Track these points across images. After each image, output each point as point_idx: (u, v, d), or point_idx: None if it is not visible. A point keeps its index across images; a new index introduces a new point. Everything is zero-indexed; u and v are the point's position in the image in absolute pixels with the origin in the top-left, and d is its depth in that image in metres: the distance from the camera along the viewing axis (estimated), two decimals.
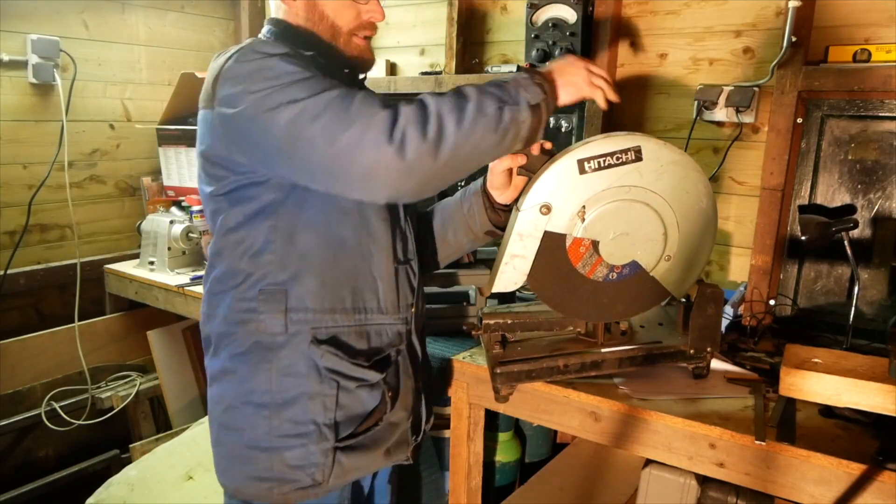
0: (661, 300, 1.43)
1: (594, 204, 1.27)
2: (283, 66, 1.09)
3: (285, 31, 1.25)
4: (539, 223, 1.27)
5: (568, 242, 1.31)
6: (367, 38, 1.30)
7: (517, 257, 1.30)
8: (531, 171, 1.28)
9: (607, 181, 1.25)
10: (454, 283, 1.79)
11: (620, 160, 1.24)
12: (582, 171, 1.24)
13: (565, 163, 1.24)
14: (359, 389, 1.24)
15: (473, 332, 1.47)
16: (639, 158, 1.25)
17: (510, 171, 1.31)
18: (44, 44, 2.27)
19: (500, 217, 1.38)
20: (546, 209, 1.26)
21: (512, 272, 1.31)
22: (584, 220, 1.28)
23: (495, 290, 1.34)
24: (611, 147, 1.24)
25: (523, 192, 1.28)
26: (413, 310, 1.36)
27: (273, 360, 1.21)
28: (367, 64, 1.33)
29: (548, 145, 1.28)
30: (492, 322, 1.44)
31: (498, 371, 1.42)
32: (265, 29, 1.28)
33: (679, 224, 1.32)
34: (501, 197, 1.36)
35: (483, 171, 1.34)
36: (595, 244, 1.31)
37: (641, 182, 1.27)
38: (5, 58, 2.21)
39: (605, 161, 1.23)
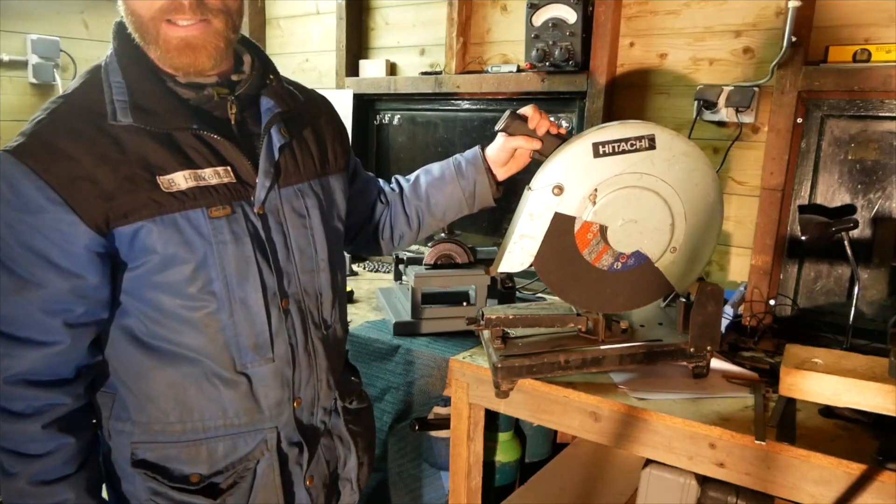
0: (663, 294, 1.44)
1: (606, 188, 1.30)
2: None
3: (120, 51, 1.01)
4: (550, 204, 1.30)
5: (577, 227, 1.33)
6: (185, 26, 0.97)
7: (526, 237, 1.32)
8: (544, 156, 1.31)
9: (620, 166, 1.29)
10: (454, 283, 1.79)
11: (634, 147, 1.27)
12: (596, 154, 1.27)
13: (580, 145, 1.27)
14: None
15: (475, 328, 1.48)
16: (652, 147, 1.28)
17: (515, 149, 1.33)
18: (44, 44, 2.27)
19: (498, 191, 1.38)
20: (558, 190, 1.29)
21: (520, 252, 1.33)
22: (594, 203, 1.30)
23: (502, 269, 1.35)
24: (626, 133, 1.27)
25: (537, 172, 1.31)
26: (296, 403, 1.11)
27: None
28: (187, 69, 1.00)
29: (562, 131, 1.31)
30: (493, 317, 1.45)
31: (499, 365, 1.42)
32: (114, 71, 1.00)
33: (686, 215, 1.34)
34: (500, 171, 1.37)
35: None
36: (603, 230, 1.33)
37: (653, 170, 1.30)
38: (5, 58, 2.21)
39: (619, 146, 1.27)
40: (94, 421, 1.07)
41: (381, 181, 1.45)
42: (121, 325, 1.03)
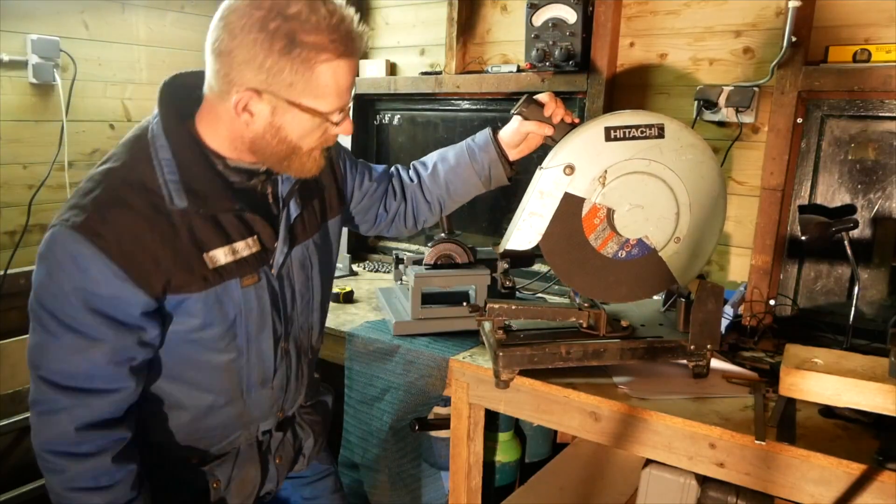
0: (665, 286, 1.45)
1: (615, 172, 1.35)
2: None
3: (187, 162, 1.05)
4: (561, 183, 1.35)
5: (585, 210, 1.37)
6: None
7: (535, 215, 1.36)
8: (555, 142, 1.36)
9: (630, 151, 1.34)
10: (454, 283, 1.79)
11: (644, 134, 1.33)
12: (608, 137, 1.33)
13: (594, 128, 1.33)
14: None
15: (477, 318, 1.48)
16: (661, 135, 1.33)
17: (528, 133, 1.38)
18: (44, 44, 2.27)
19: (511, 171, 1.44)
20: (570, 170, 1.34)
21: (528, 230, 1.38)
22: (604, 185, 1.35)
23: (510, 246, 1.39)
24: (637, 120, 1.33)
25: (550, 152, 1.36)
26: (280, 414, 1.29)
27: None
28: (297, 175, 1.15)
29: (576, 120, 1.37)
30: (496, 307, 1.45)
31: (500, 353, 1.42)
32: (162, 147, 1.05)
33: (692, 206, 1.38)
34: (512, 152, 1.42)
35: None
36: (610, 215, 1.37)
37: (661, 158, 1.35)
38: (5, 58, 2.21)
39: (630, 132, 1.33)
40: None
41: (398, 169, 1.52)
42: (152, 361, 1.12)
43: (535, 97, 1.36)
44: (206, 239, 1.07)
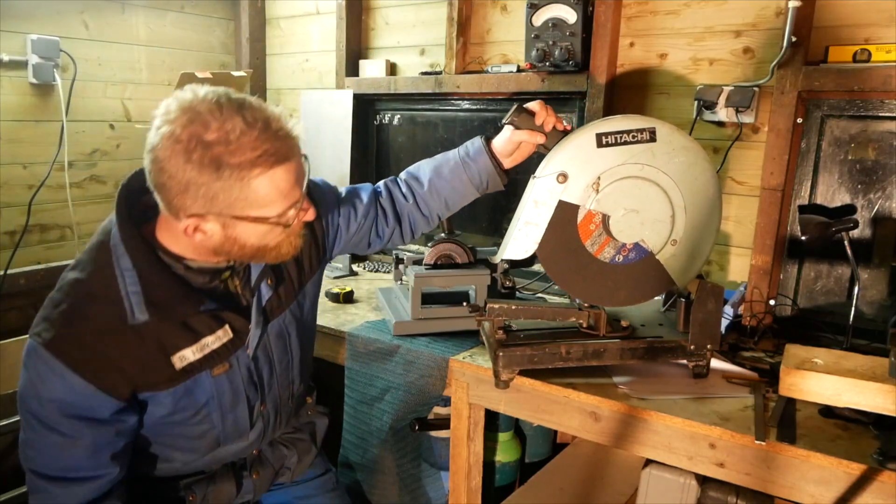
0: (664, 289, 1.45)
1: (608, 178, 1.35)
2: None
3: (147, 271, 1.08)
4: (555, 191, 1.35)
5: (580, 217, 1.37)
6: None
7: (530, 224, 1.36)
8: (548, 150, 1.36)
9: (622, 157, 1.34)
10: (454, 283, 1.79)
11: (636, 138, 1.33)
12: (600, 144, 1.33)
13: (585, 135, 1.33)
14: None
15: (477, 318, 1.48)
16: (653, 139, 1.33)
17: (520, 142, 1.39)
18: (44, 44, 2.27)
19: (506, 178, 1.45)
20: (563, 178, 1.34)
21: (524, 239, 1.37)
22: (598, 191, 1.35)
23: (507, 256, 1.39)
24: (628, 125, 1.33)
25: (542, 161, 1.36)
26: (255, 451, 1.37)
27: None
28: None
29: (568, 127, 1.37)
30: (496, 307, 1.45)
31: (500, 353, 1.42)
32: (122, 256, 1.08)
33: (686, 208, 1.38)
34: (506, 161, 1.43)
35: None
36: (605, 220, 1.37)
37: (654, 162, 1.34)
38: (5, 58, 2.21)
39: (621, 137, 1.33)
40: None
41: (388, 188, 1.50)
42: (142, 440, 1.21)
43: (525, 106, 1.36)
44: (174, 342, 1.11)
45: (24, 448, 1.11)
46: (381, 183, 1.52)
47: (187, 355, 1.13)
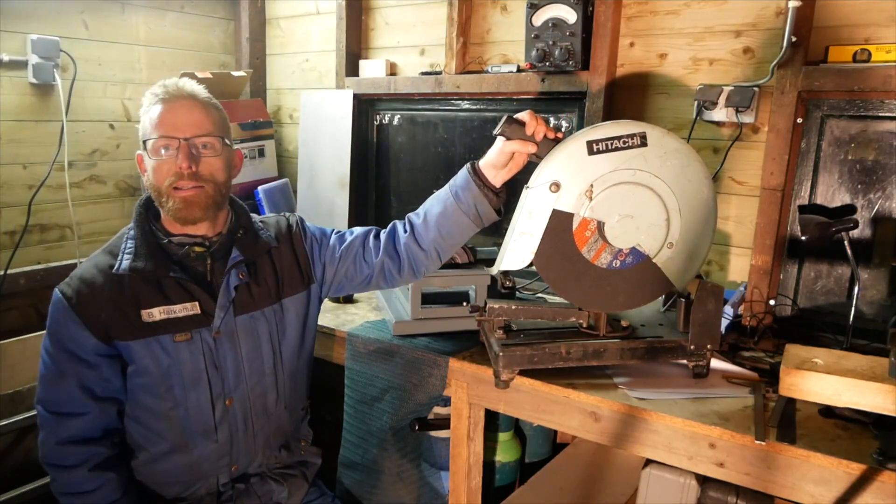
0: (662, 292, 1.45)
1: (601, 184, 1.34)
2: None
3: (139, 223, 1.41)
4: (548, 200, 1.34)
5: (575, 224, 1.36)
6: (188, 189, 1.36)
7: (526, 234, 1.35)
8: (541, 159, 1.35)
9: (614, 163, 1.33)
10: (454, 283, 1.79)
11: (627, 144, 1.32)
12: (591, 151, 1.31)
13: (575, 143, 1.31)
14: None
15: (477, 318, 1.48)
16: (644, 144, 1.32)
17: (513, 153, 1.38)
18: (44, 44, 2.27)
19: (498, 199, 1.42)
20: (555, 187, 1.33)
21: (520, 249, 1.37)
22: (591, 199, 1.34)
23: (503, 267, 1.39)
24: (618, 131, 1.32)
25: (534, 171, 1.34)
26: (234, 468, 1.47)
27: None
28: (185, 220, 1.38)
29: (559, 135, 1.36)
30: (496, 307, 1.45)
31: (500, 353, 1.42)
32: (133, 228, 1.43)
33: (681, 211, 1.37)
34: (501, 174, 1.41)
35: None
36: (601, 227, 1.36)
37: (646, 167, 1.33)
38: (5, 58, 2.21)
39: (612, 144, 1.32)
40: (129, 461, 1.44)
41: (395, 225, 1.56)
42: (125, 406, 1.42)
43: (515, 116, 1.36)
44: (147, 298, 1.34)
45: (38, 384, 1.37)
46: (393, 221, 1.58)
47: (155, 314, 1.35)
